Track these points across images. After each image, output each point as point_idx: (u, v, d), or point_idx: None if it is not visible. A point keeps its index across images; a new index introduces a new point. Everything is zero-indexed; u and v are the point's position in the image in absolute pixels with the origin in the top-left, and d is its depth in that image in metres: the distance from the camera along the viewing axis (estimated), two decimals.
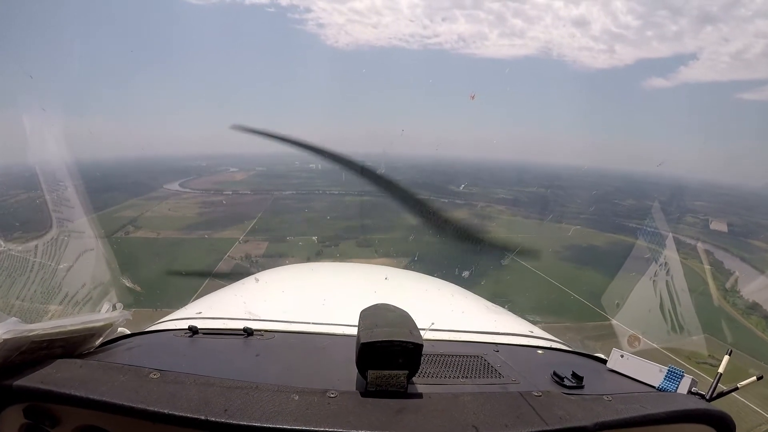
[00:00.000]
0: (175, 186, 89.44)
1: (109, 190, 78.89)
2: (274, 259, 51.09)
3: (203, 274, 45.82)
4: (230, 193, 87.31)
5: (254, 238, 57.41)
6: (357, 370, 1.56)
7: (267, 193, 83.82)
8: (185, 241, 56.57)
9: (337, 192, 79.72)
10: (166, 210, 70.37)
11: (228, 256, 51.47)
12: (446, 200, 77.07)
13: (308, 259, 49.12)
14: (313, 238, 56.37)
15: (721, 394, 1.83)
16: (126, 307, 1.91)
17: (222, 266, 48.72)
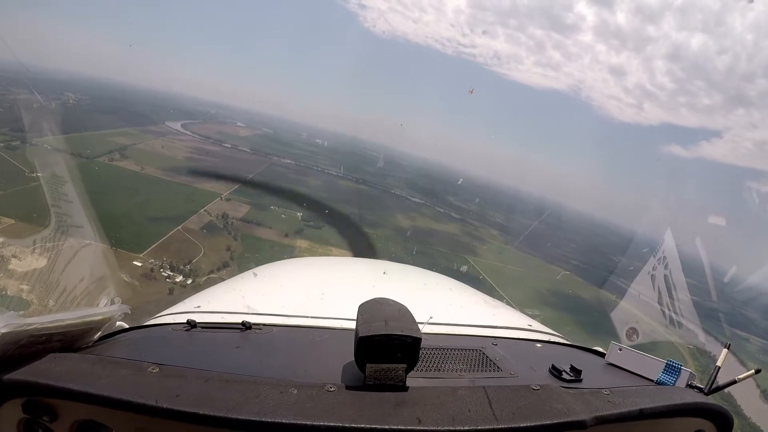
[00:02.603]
0: (177, 125, 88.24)
1: (109, 111, 77.51)
2: (250, 225, 49.78)
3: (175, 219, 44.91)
4: (229, 146, 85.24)
5: (237, 198, 55.45)
6: (355, 364, 1.51)
7: (265, 156, 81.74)
8: (166, 182, 54.59)
9: (335, 173, 78.45)
10: (158, 147, 68.52)
11: (204, 210, 49.68)
12: (442, 210, 76.06)
13: (285, 236, 47.79)
14: (298, 214, 53.69)
15: (720, 388, 1.84)
16: (124, 301, 1.90)
17: (195, 219, 46.82)
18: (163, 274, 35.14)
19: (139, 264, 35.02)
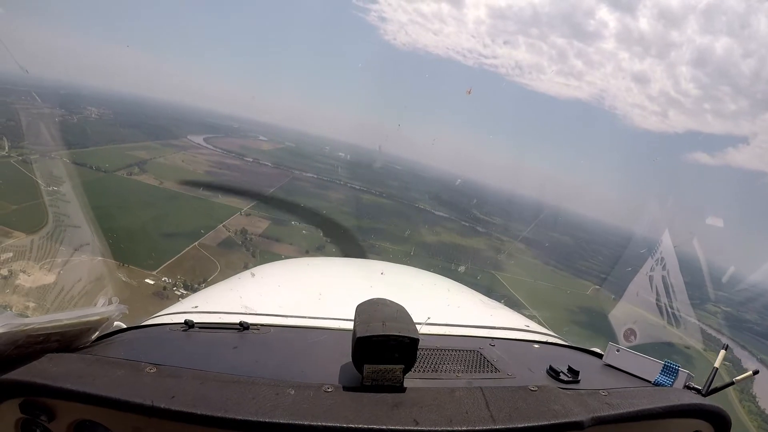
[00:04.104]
0: (199, 139, 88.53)
1: (131, 126, 77.91)
2: (270, 241, 48.56)
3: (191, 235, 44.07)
4: (251, 160, 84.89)
5: (257, 213, 54.31)
6: (353, 365, 1.52)
7: (287, 170, 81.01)
8: (184, 197, 53.74)
9: (358, 187, 77.57)
10: (179, 161, 68.21)
11: (223, 225, 48.59)
12: (467, 224, 74.48)
13: (306, 253, 46.03)
14: (319, 230, 52.49)
15: (717, 389, 1.84)
16: (122, 300, 1.86)
17: (212, 235, 45.74)
18: (176, 293, 33.81)
19: (152, 282, 33.90)
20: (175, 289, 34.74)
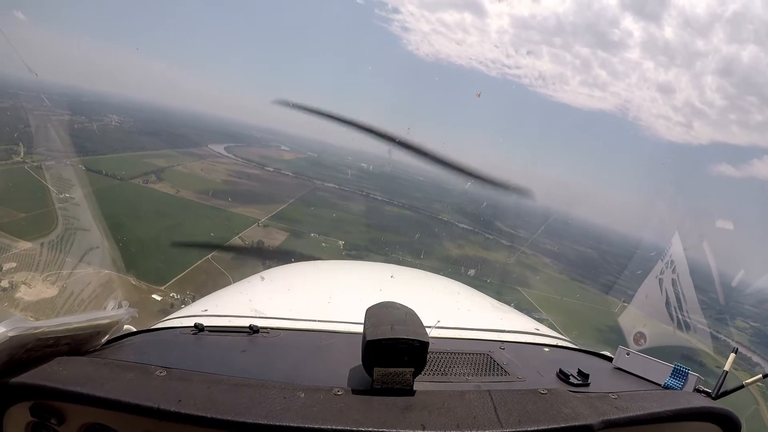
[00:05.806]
0: (219, 148, 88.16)
1: (151, 133, 77.39)
2: (287, 254, 45.74)
3: (203, 246, 42.45)
4: (271, 170, 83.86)
5: (275, 225, 52.40)
6: (363, 368, 1.55)
7: (308, 180, 79.80)
8: (200, 207, 52.32)
9: (380, 198, 75.96)
10: (197, 169, 67.27)
11: (239, 237, 46.71)
12: (491, 236, 72.29)
13: None
14: (340, 242, 50.95)
15: (727, 392, 1.84)
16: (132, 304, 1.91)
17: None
18: None
19: (159, 298, 31.60)
20: (183, 305, 32.01)
